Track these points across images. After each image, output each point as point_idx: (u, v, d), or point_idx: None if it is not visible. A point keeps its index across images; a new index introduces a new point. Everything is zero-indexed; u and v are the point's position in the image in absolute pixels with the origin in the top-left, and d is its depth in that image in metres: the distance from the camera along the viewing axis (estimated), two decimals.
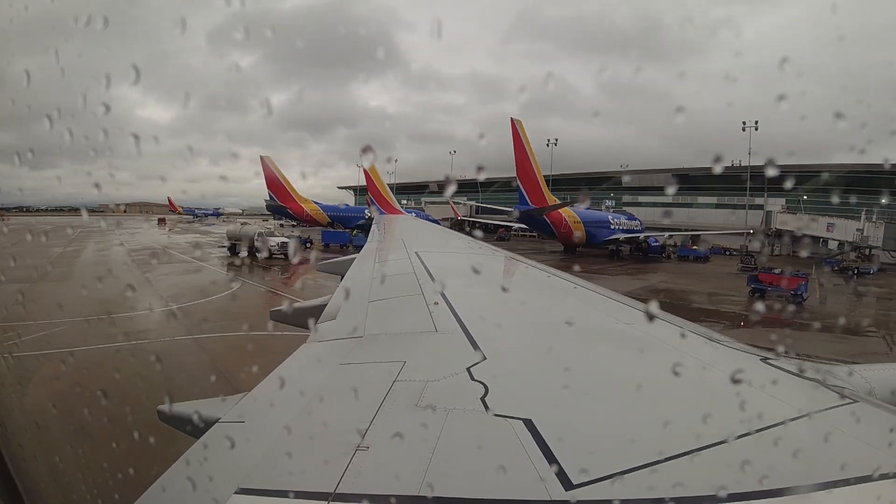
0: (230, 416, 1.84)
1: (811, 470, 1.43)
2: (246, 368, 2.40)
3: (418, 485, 1.30)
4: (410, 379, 2.06)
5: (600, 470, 1.35)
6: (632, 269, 39.31)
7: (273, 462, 1.50)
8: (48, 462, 2.79)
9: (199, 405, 2.06)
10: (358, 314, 3.27)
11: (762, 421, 1.61)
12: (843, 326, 17.60)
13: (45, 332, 12.74)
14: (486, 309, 3.26)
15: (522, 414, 1.65)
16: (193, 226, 69.77)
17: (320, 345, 2.77)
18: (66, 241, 37.67)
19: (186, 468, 1.50)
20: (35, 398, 6.52)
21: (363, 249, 7.66)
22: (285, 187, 60.01)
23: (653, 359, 2.49)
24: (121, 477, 2.19)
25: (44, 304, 15.72)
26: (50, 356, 11.06)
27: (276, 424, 1.72)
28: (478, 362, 2.19)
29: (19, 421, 2.97)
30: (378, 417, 1.70)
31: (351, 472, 1.37)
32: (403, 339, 2.83)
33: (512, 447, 1.48)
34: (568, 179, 74.73)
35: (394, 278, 4.66)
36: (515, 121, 44.45)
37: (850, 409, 1.85)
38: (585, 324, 3.28)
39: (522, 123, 45.09)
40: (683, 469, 1.38)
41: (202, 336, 14.01)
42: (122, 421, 3.64)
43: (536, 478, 1.33)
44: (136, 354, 11.76)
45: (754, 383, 1.94)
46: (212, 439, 1.69)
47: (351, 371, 2.36)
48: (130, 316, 16.14)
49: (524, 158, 45.26)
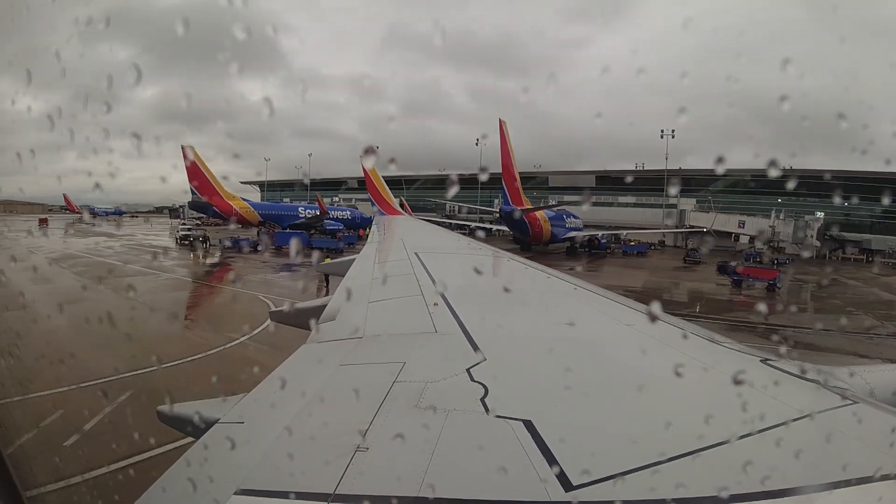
0: (230, 417, 1.84)
1: (812, 471, 1.43)
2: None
3: (418, 485, 1.29)
4: (410, 380, 2.06)
5: (600, 471, 1.34)
6: (602, 264, 41.45)
7: (273, 463, 1.49)
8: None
9: (199, 406, 2.06)
10: (358, 315, 3.26)
11: (763, 422, 1.61)
12: (813, 303, 24.74)
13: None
14: (485, 309, 3.26)
15: (522, 415, 1.65)
16: (85, 227, 54.36)
17: (320, 345, 2.77)
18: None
19: (186, 469, 1.50)
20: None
21: (363, 250, 7.66)
22: (210, 182, 51.02)
23: (653, 359, 2.49)
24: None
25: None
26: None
27: (276, 425, 1.72)
28: (477, 363, 2.19)
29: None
30: (378, 418, 1.70)
31: (351, 472, 1.37)
32: (403, 339, 2.82)
33: (512, 448, 1.48)
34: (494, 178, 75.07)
35: (393, 279, 4.65)
36: (502, 122, 44.03)
37: (851, 411, 1.85)
38: (585, 324, 3.28)
39: (507, 124, 44.92)
40: (684, 470, 1.38)
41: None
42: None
43: (536, 479, 1.32)
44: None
45: (755, 384, 1.93)
46: (212, 440, 1.68)
47: (351, 371, 2.36)
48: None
49: (508, 160, 45.17)
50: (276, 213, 56.79)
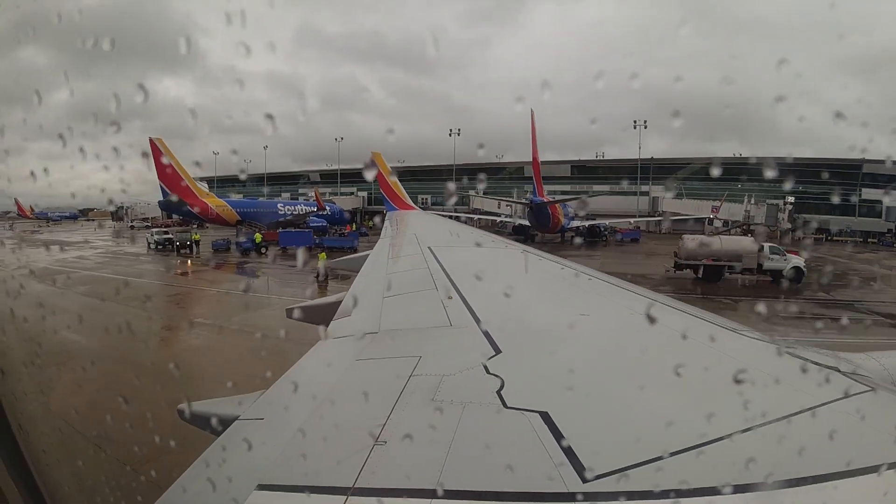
0: (249, 414, 1.87)
1: (829, 459, 1.40)
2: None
3: (436, 478, 1.30)
4: (426, 373, 2.07)
5: (618, 461, 1.34)
6: (616, 251, 41.66)
7: (293, 458, 1.52)
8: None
9: (218, 403, 2.10)
10: (373, 310, 3.28)
11: (779, 411, 1.59)
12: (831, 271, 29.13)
13: None
14: (500, 303, 3.25)
15: (539, 407, 1.65)
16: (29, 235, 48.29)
17: (336, 341, 2.80)
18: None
19: (207, 465, 1.53)
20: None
21: (377, 245, 7.69)
22: (182, 179, 45.64)
23: (669, 350, 2.46)
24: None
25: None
26: None
27: (294, 421, 1.74)
28: (493, 356, 2.19)
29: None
30: (395, 412, 1.71)
31: (369, 466, 1.38)
32: (418, 334, 2.84)
33: (528, 440, 1.48)
34: (467, 170, 74.82)
35: (407, 274, 4.67)
36: (532, 112, 43.78)
37: (868, 398, 1.81)
38: (601, 315, 3.25)
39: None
40: (704, 460, 1.37)
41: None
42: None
43: (553, 470, 1.33)
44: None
45: (770, 374, 1.91)
46: (231, 436, 1.72)
47: (367, 367, 2.38)
48: None
49: (536, 151, 45.35)
50: (255, 212, 51.16)
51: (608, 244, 47.78)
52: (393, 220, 14.71)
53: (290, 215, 51.62)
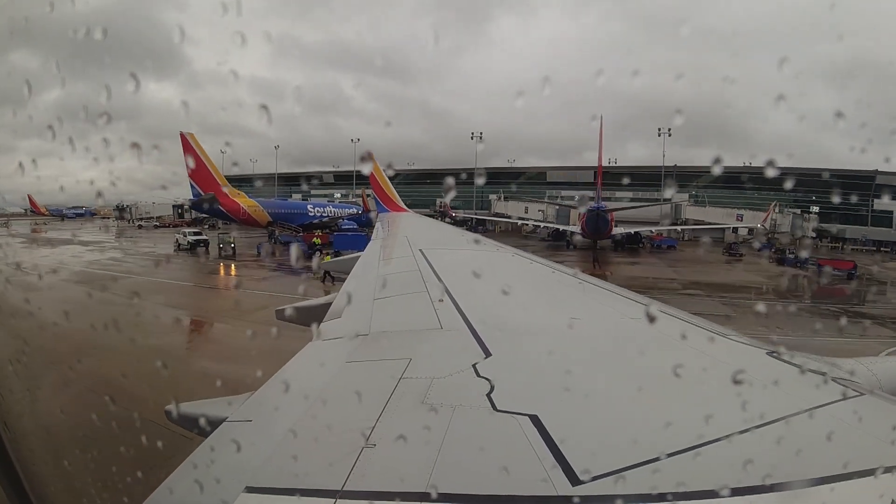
0: (237, 416, 1.85)
1: (819, 463, 1.42)
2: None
3: (426, 481, 1.30)
4: (416, 376, 2.06)
5: (608, 465, 1.34)
6: (660, 259, 41.61)
7: (281, 460, 1.50)
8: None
9: (206, 405, 2.07)
10: (363, 312, 3.27)
11: (770, 415, 1.61)
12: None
13: None
14: (491, 305, 3.26)
15: (528, 410, 1.66)
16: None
17: (326, 343, 2.78)
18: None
19: (194, 467, 1.51)
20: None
21: (367, 247, 7.66)
22: (213, 177, 42.16)
23: (659, 354, 2.48)
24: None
25: None
26: None
27: (283, 423, 1.73)
28: (483, 359, 2.19)
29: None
30: (384, 415, 1.70)
31: (358, 469, 1.37)
32: (409, 336, 2.83)
33: (518, 443, 1.48)
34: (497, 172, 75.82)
35: (398, 276, 4.65)
36: (601, 118, 43.15)
37: (858, 403, 1.84)
38: (591, 319, 3.27)
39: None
40: (690, 464, 1.38)
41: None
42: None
43: (543, 473, 1.33)
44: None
45: (761, 377, 1.93)
46: (219, 439, 1.70)
47: (357, 369, 2.37)
48: None
49: (601, 159, 44.54)
50: (287, 213, 50.05)
51: (646, 250, 48.09)
52: (385, 221, 14.66)
53: (319, 217, 49.91)
